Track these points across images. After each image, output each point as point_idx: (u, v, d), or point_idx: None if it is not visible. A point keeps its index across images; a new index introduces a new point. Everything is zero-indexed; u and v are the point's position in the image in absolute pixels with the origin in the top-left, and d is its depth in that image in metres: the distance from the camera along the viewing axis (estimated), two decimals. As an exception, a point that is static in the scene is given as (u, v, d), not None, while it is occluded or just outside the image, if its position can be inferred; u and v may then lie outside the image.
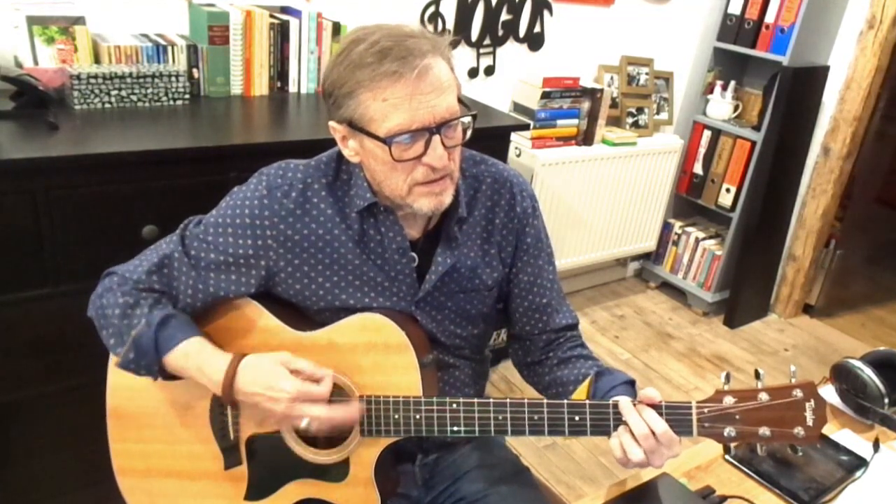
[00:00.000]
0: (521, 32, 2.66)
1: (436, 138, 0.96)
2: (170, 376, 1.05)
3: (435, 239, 1.11)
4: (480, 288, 1.15)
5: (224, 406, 1.10)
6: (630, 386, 1.09)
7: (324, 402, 1.00)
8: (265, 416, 1.03)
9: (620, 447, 0.97)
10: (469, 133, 1.02)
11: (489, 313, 1.20)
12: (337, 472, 1.09)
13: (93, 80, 1.68)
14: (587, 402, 0.98)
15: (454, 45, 2.45)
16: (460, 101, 1.00)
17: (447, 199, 1.03)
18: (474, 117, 1.02)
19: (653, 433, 0.94)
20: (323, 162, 1.10)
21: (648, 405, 0.96)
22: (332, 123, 1.03)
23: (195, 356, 1.03)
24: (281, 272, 1.08)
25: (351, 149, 1.03)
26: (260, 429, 1.10)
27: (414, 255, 1.10)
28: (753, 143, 3.08)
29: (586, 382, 1.10)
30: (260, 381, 1.00)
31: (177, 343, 1.02)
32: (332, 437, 1.09)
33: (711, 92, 3.21)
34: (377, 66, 0.93)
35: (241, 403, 1.03)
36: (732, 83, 3.17)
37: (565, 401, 0.99)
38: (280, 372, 0.99)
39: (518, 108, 2.74)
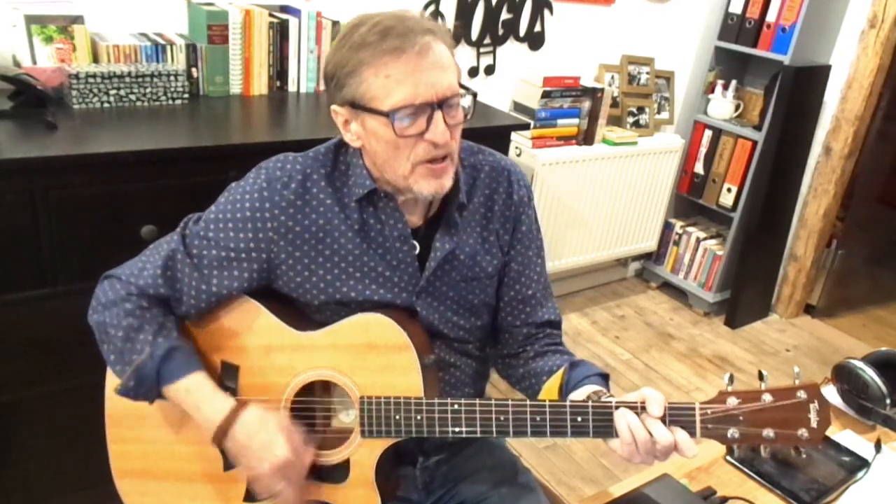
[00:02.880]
0: (522, 31, 2.66)
1: (438, 114, 0.96)
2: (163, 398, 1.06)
3: (435, 226, 1.11)
4: (481, 276, 1.14)
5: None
6: (603, 379, 1.08)
7: (300, 482, 1.03)
8: (245, 465, 1.04)
9: (628, 428, 0.94)
10: (469, 115, 1.02)
11: (491, 303, 1.19)
12: (337, 474, 1.08)
13: (91, 80, 1.68)
14: (590, 403, 0.97)
15: (456, 40, 2.45)
16: (461, 86, 1.01)
17: (447, 182, 1.03)
18: (475, 97, 1.03)
19: (654, 443, 0.94)
20: (321, 153, 1.10)
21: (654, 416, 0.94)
22: (334, 107, 1.03)
23: (195, 394, 1.04)
24: (282, 265, 1.08)
25: (353, 132, 1.03)
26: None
27: (415, 242, 1.10)
28: (755, 143, 3.07)
29: (559, 373, 1.10)
30: (257, 438, 1.01)
31: (179, 378, 1.03)
32: (333, 439, 1.08)
33: (712, 91, 3.20)
34: (379, 43, 0.94)
35: (227, 449, 1.04)
36: (733, 82, 3.17)
37: (567, 402, 0.99)
38: (279, 437, 1.01)
39: (518, 107, 2.73)
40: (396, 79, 0.94)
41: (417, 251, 1.10)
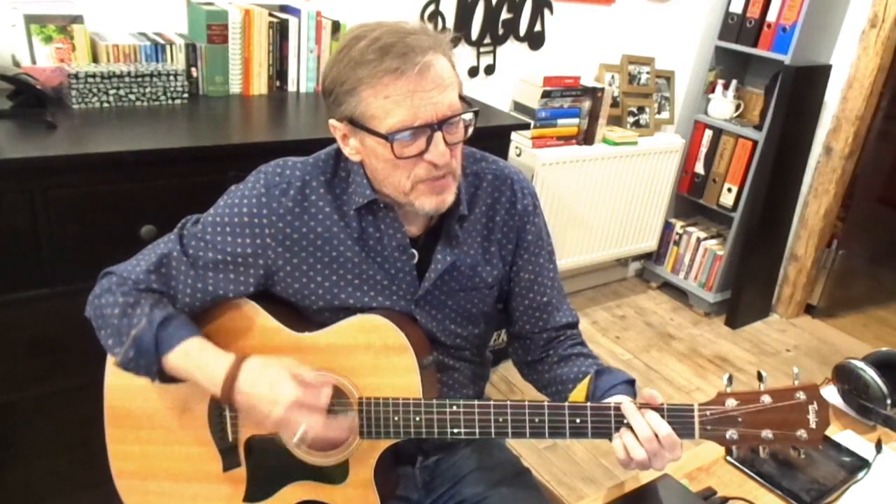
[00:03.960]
0: (522, 31, 2.66)
1: (437, 135, 0.95)
2: (168, 379, 1.04)
3: (435, 236, 1.10)
4: (481, 286, 1.14)
5: (223, 407, 1.09)
6: (630, 385, 1.09)
7: (322, 412, 1.00)
8: (261, 419, 1.01)
9: (623, 448, 0.96)
10: (471, 130, 1.01)
11: (490, 312, 1.19)
12: (336, 474, 1.08)
13: (91, 80, 1.68)
14: (588, 404, 0.98)
15: (454, 42, 2.44)
16: (462, 98, 1.00)
17: (449, 198, 1.03)
18: (476, 114, 1.01)
19: (656, 436, 0.94)
20: (321, 159, 1.09)
21: (651, 407, 0.96)
22: (332, 122, 1.02)
23: (196, 355, 1.02)
24: (280, 271, 1.07)
25: (352, 147, 1.03)
26: (259, 430, 1.09)
27: (414, 251, 1.09)
28: (755, 143, 3.07)
29: (586, 381, 1.09)
30: (262, 384, 0.99)
31: (178, 342, 1.01)
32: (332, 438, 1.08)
33: (713, 91, 3.20)
34: (378, 63, 0.92)
35: (238, 405, 1.02)
36: (734, 82, 3.16)
37: (566, 403, 0.99)
38: (283, 376, 0.99)
39: (518, 107, 2.73)
40: (395, 100, 0.93)
41: (416, 260, 1.10)
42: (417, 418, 1.01)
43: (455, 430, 1.00)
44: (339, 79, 0.96)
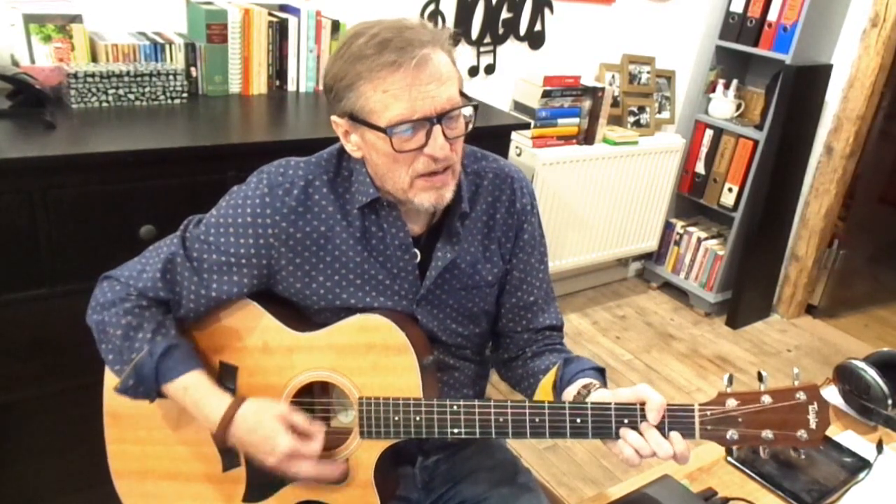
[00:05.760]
0: (522, 31, 2.65)
1: (437, 128, 0.95)
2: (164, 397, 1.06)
3: (437, 235, 1.10)
4: (481, 284, 1.14)
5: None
6: (598, 372, 1.08)
7: (313, 460, 1.02)
8: (255, 459, 1.04)
9: (635, 453, 0.94)
10: (471, 125, 1.01)
11: (491, 311, 1.19)
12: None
13: (90, 79, 1.67)
14: (589, 403, 0.97)
15: (455, 41, 2.44)
16: (462, 94, 0.99)
17: (448, 194, 1.03)
18: (476, 108, 1.01)
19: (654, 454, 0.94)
20: (324, 158, 1.09)
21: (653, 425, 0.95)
22: (333, 118, 1.03)
23: (193, 391, 1.04)
24: (282, 270, 1.07)
25: (353, 143, 1.03)
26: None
27: (416, 251, 1.09)
28: (756, 143, 3.06)
29: (554, 369, 1.10)
30: (257, 432, 1.01)
31: (177, 375, 1.03)
32: (332, 439, 1.08)
33: (713, 91, 3.19)
34: (376, 57, 0.93)
35: (232, 445, 1.04)
36: (735, 82, 3.16)
37: (566, 402, 0.98)
38: (277, 428, 1.00)
39: (519, 106, 2.72)
40: (394, 94, 0.93)
41: (418, 260, 1.10)
42: (417, 418, 1.01)
43: (455, 430, 1.00)
44: (338, 74, 0.97)
